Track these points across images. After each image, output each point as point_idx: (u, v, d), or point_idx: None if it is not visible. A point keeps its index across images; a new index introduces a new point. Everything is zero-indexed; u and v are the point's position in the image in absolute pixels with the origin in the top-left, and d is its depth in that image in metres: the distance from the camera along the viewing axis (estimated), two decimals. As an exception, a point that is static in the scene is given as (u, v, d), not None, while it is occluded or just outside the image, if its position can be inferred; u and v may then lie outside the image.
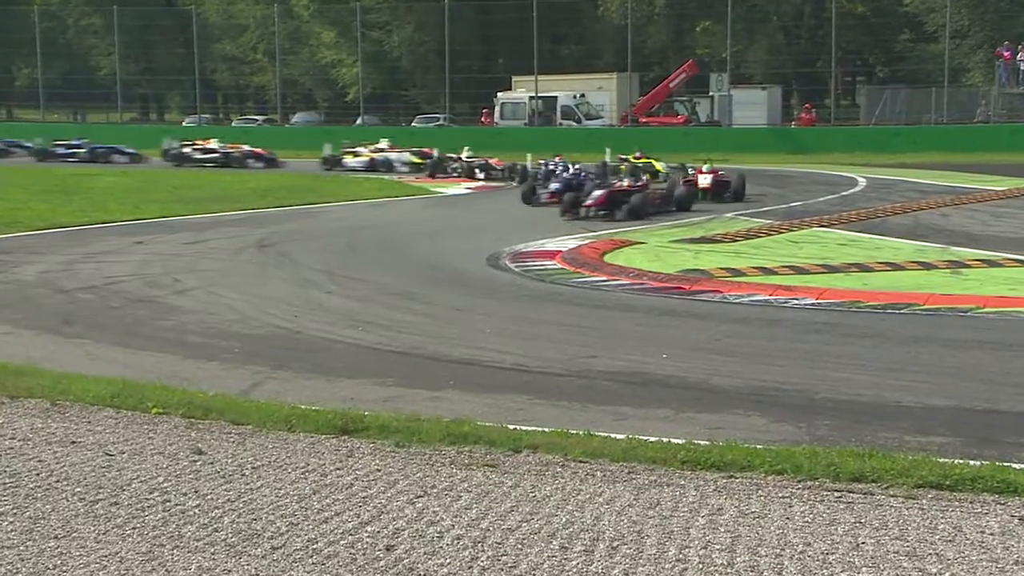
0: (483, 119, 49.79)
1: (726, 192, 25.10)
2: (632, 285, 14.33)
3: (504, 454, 7.10)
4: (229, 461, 6.98)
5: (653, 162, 29.98)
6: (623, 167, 26.91)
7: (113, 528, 5.84)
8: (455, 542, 5.60)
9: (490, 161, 33.46)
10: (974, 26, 44.02)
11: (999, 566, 5.28)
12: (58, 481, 6.59)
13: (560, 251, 17.38)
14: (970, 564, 5.30)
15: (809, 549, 5.49)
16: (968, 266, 15.38)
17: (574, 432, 7.54)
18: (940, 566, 5.28)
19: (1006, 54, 40.52)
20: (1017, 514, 5.97)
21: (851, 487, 6.38)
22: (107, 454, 7.14)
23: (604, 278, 14.90)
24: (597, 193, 21.58)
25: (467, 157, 34.35)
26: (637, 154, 30.56)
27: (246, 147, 41.04)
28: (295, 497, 6.29)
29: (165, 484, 6.53)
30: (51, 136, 46.12)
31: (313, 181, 32.13)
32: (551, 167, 28.52)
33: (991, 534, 5.69)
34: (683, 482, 6.53)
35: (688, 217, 21.76)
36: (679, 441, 7.28)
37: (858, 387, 9.08)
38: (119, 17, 55.59)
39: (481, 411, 8.35)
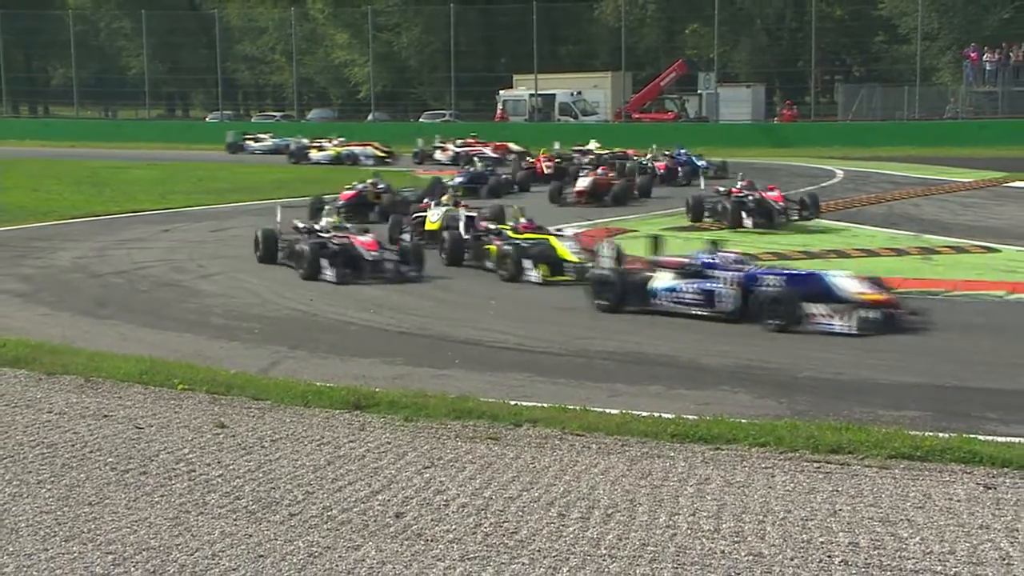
0: (500, 115, 49.54)
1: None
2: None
3: (506, 428, 7.10)
4: (250, 434, 6.99)
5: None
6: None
7: (142, 496, 5.85)
8: (460, 510, 5.61)
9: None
10: (943, 29, 43.83)
11: (965, 530, 5.29)
12: (91, 452, 6.61)
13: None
14: (938, 528, 5.31)
15: (790, 516, 5.49)
16: (938, 252, 15.35)
17: (571, 407, 7.54)
18: (911, 530, 5.29)
19: (973, 55, 40.40)
20: (982, 482, 5.98)
21: (829, 458, 6.39)
22: (136, 427, 7.15)
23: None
24: None
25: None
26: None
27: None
28: (311, 468, 6.29)
29: (190, 455, 6.54)
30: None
31: (328, 173, 32.03)
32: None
33: (958, 501, 5.69)
34: (673, 454, 6.54)
35: (678, 207, 21.66)
36: (669, 416, 7.28)
37: (837, 366, 9.07)
38: (147, 20, 55.40)
39: (484, 388, 8.35)
